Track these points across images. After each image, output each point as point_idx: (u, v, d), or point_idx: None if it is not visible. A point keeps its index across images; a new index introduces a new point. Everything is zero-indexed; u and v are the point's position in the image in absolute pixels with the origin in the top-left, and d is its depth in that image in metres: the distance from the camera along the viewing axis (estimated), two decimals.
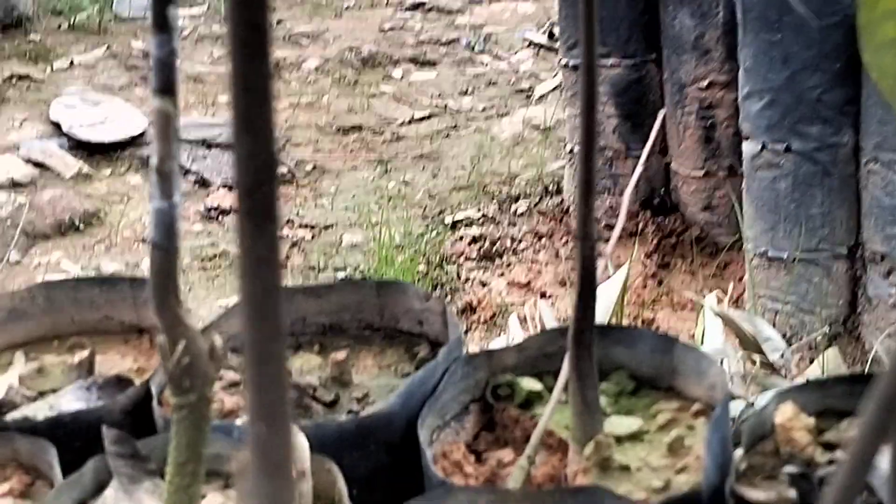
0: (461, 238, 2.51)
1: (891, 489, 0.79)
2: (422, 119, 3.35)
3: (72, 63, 3.75)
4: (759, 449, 0.98)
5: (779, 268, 2.01)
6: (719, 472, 0.94)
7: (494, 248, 2.45)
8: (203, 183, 2.93)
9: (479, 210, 2.67)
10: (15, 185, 2.85)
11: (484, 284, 2.33)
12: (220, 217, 2.77)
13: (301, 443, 0.92)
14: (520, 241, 2.47)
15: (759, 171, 2.01)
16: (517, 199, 2.70)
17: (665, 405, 1.08)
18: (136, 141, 3.09)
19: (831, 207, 1.95)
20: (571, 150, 2.51)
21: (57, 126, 3.13)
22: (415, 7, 4.29)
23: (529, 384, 1.12)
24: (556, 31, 3.04)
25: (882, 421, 0.44)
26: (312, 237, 2.65)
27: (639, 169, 1.36)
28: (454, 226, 2.60)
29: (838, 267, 1.97)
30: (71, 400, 1.14)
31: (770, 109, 1.96)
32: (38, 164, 2.95)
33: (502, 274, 2.36)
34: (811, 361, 1.75)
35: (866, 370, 1.77)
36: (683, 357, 1.10)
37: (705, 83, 2.26)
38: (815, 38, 1.89)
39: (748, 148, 2.03)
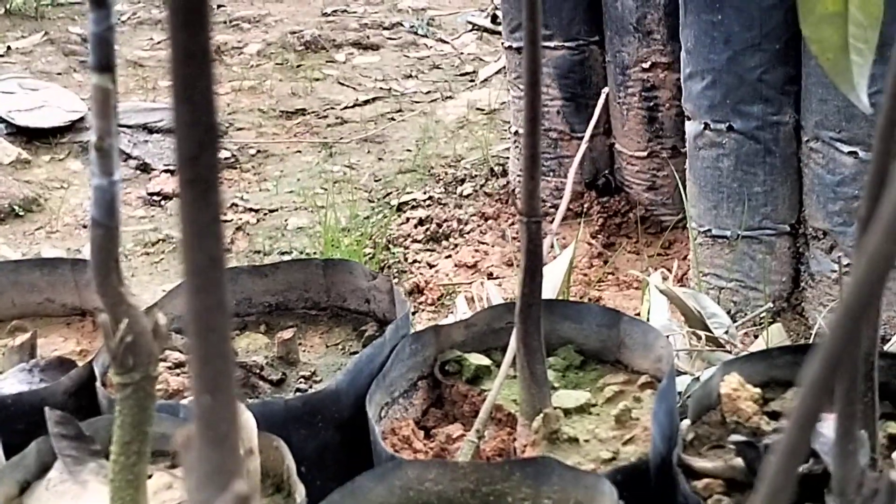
0: (407, 220, 2.51)
1: (835, 455, 0.80)
2: (366, 102, 3.33)
3: (9, 49, 3.69)
4: (705, 419, 0.98)
5: (722, 246, 2.02)
6: (666, 442, 0.94)
7: (441, 230, 2.45)
8: (145, 168, 2.90)
9: (425, 192, 2.66)
10: None
11: (431, 266, 2.32)
12: (162, 202, 2.74)
13: (248, 421, 0.92)
14: (466, 223, 2.47)
15: (701, 151, 2.02)
16: (463, 181, 2.70)
17: (612, 378, 1.09)
18: (75, 126, 3.05)
19: (773, 185, 1.97)
20: (516, 133, 2.51)
21: None
22: None
23: (477, 360, 1.12)
24: (500, 14, 3.04)
25: (823, 386, 0.44)
26: (257, 221, 2.63)
27: (582, 148, 1.36)
28: (400, 208, 2.59)
29: (781, 244, 1.99)
30: (13, 383, 1.13)
31: (712, 89, 1.97)
32: None
33: (449, 255, 2.36)
34: (756, 337, 1.77)
35: (811, 343, 1.79)
36: (630, 330, 1.10)
37: (648, 64, 2.27)
38: (755, 18, 1.90)
39: (691, 128, 2.04)
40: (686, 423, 0.98)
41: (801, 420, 0.44)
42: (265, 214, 2.66)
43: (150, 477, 0.91)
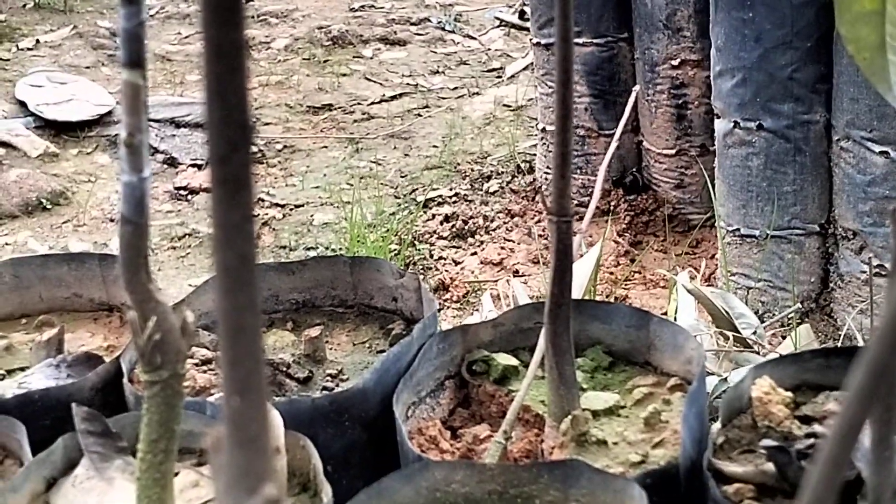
0: (433, 217, 2.50)
1: (871, 461, 0.78)
2: (393, 98, 3.33)
3: (37, 42, 3.70)
4: (736, 423, 0.97)
5: (751, 245, 2.01)
6: (696, 445, 0.93)
7: (467, 227, 2.44)
8: (172, 162, 2.91)
9: (451, 189, 2.65)
10: None
11: (456, 263, 2.32)
12: (189, 196, 2.75)
13: (275, 419, 0.91)
14: (492, 220, 2.46)
15: (731, 149, 2.01)
16: (489, 177, 2.69)
17: (641, 380, 1.08)
18: (102, 120, 3.06)
19: (803, 185, 1.95)
20: (543, 129, 2.50)
21: (23, 105, 3.09)
22: None
23: (505, 360, 1.11)
24: (527, 10, 3.03)
25: (867, 395, 0.43)
26: (283, 216, 2.63)
27: (613, 146, 1.35)
28: (426, 204, 2.58)
29: (810, 244, 1.97)
30: (40, 378, 1.13)
31: (742, 87, 1.96)
32: (3, 144, 2.91)
33: (475, 252, 2.35)
34: (784, 338, 1.75)
35: (839, 345, 1.77)
36: (659, 332, 1.09)
37: (677, 62, 2.26)
38: (787, 16, 1.89)
39: (720, 126, 2.03)
40: (716, 426, 0.97)
41: (845, 429, 0.43)
42: (291, 210, 2.66)
43: (176, 475, 0.91)
